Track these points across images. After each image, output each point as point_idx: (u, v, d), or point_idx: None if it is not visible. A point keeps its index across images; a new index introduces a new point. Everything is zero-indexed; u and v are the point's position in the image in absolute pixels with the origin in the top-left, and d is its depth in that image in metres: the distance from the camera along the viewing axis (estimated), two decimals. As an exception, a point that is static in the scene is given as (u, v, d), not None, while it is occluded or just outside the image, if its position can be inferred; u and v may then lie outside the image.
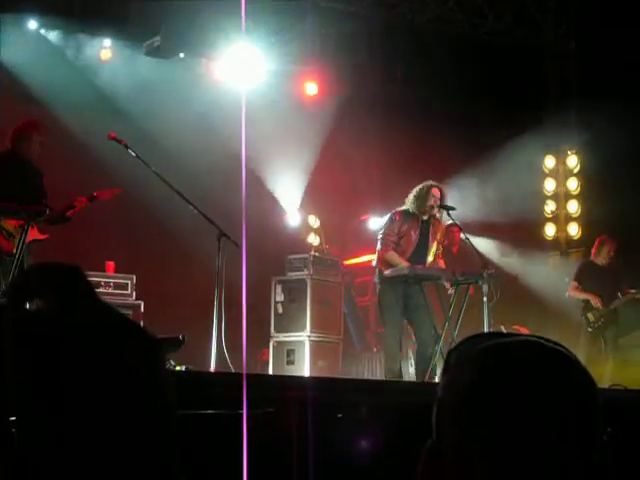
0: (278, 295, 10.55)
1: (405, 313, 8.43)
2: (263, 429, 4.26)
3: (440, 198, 8.47)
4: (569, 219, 13.14)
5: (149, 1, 10.70)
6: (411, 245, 8.48)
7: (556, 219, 13.23)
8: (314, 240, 12.61)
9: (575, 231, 13.03)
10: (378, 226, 10.93)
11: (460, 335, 7.94)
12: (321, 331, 10.38)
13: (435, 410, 1.18)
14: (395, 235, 8.49)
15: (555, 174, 13.30)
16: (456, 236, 9.93)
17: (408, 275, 8.15)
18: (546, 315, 11.49)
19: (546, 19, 12.99)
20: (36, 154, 7.86)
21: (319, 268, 10.66)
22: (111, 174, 9.96)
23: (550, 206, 13.22)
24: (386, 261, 8.45)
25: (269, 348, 10.48)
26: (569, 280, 10.40)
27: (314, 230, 12.75)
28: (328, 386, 5.61)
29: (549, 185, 13.29)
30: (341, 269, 11.20)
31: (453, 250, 10.11)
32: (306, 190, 12.49)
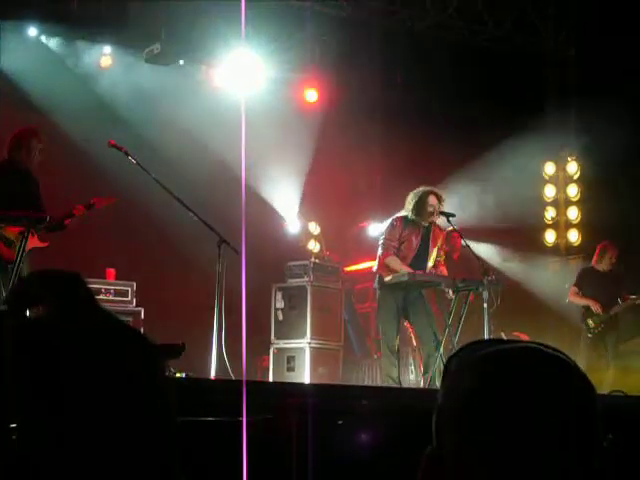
0: (278, 302, 10.55)
1: (407, 319, 8.42)
2: (263, 436, 4.26)
3: (438, 204, 8.44)
4: (569, 225, 13.13)
5: (149, 8, 10.71)
6: (412, 251, 8.47)
7: (556, 225, 13.22)
8: (314, 247, 12.60)
9: (575, 237, 13.02)
10: (378, 232, 10.93)
11: (460, 342, 7.93)
12: (321, 338, 10.37)
13: (435, 416, 1.18)
14: (396, 240, 8.48)
15: (555, 180, 13.30)
16: (457, 242, 9.92)
17: (408, 281, 8.14)
18: (546, 321, 11.48)
19: (546, 26, 13.00)
20: (35, 162, 7.82)
21: (319, 275, 10.66)
22: (111, 181, 9.96)
23: (550, 212, 13.21)
24: (387, 266, 8.43)
25: (269, 355, 10.47)
26: (569, 286, 10.39)
27: (314, 237, 12.74)
28: (328, 393, 5.60)
29: (549, 191, 13.28)
30: (341, 276, 11.19)
31: (454, 257, 10.09)
32: (306, 197, 12.49)
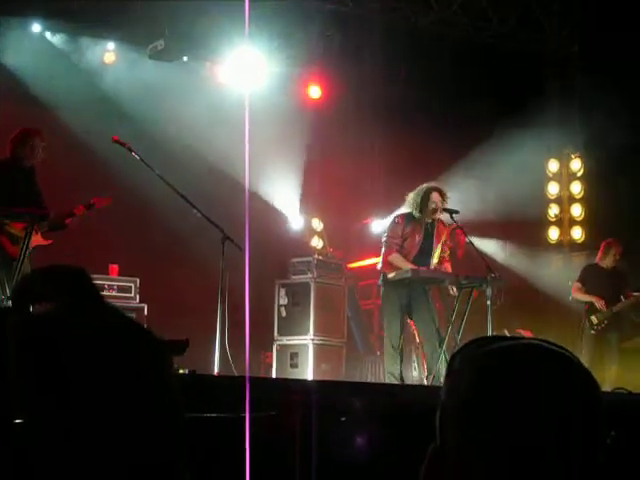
0: (282, 298, 10.55)
1: (410, 315, 8.42)
2: (266, 432, 4.26)
3: (441, 201, 8.44)
4: (573, 222, 13.12)
5: (153, 4, 10.71)
6: (414, 247, 8.47)
7: (560, 223, 13.21)
8: (318, 243, 12.59)
9: (579, 234, 13.00)
10: (381, 229, 10.93)
11: (464, 338, 7.93)
12: (324, 334, 10.37)
13: (438, 413, 1.18)
14: (399, 238, 8.48)
15: (559, 177, 13.29)
16: (461, 239, 9.91)
17: (411, 278, 8.14)
18: (550, 319, 11.47)
19: (550, 22, 12.98)
20: (39, 160, 7.84)
21: (323, 271, 10.66)
22: (114, 177, 9.98)
23: (554, 210, 13.19)
24: (391, 264, 8.44)
25: (273, 351, 10.47)
26: (572, 282, 10.36)
27: (317, 233, 12.73)
28: (331, 389, 5.60)
29: (552, 189, 13.26)
30: (345, 272, 11.18)
31: (458, 254, 10.08)
32: (309, 193, 12.49)
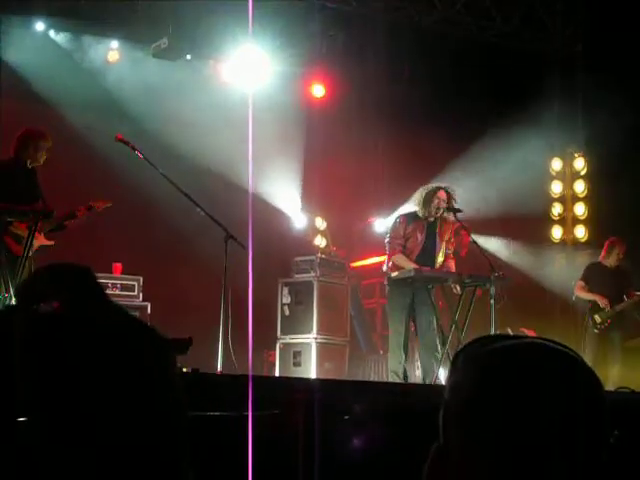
0: (285, 297, 10.55)
1: (412, 315, 8.42)
2: (269, 431, 4.26)
3: (447, 200, 8.46)
4: (576, 221, 13.11)
5: (156, 3, 10.71)
6: (417, 247, 8.48)
7: (563, 221, 13.21)
8: (321, 242, 12.60)
9: (582, 233, 13.00)
10: (384, 228, 10.93)
11: (467, 337, 7.93)
12: (327, 333, 10.37)
13: (442, 412, 1.18)
14: (401, 238, 8.50)
15: (562, 176, 13.29)
16: (464, 239, 9.90)
17: (414, 277, 8.15)
18: (553, 317, 11.47)
19: (553, 21, 12.97)
20: (42, 162, 7.85)
21: (326, 270, 10.65)
22: (118, 176, 9.99)
23: (557, 208, 13.19)
24: (394, 264, 8.46)
25: (276, 350, 10.48)
26: (575, 281, 10.35)
27: (321, 232, 12.74)
28: (334, 388, 5.61)
29: (556, 187, 13.26)
30: (348, 271, 11.19)
31: (462, 253, 10.07)
32: (312, 192, 12.49)
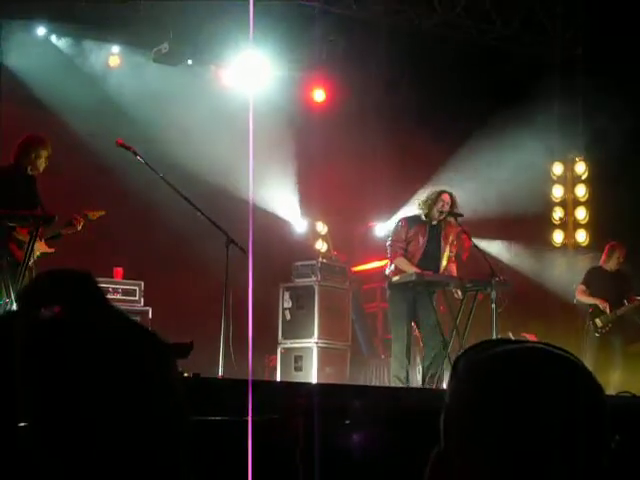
0: (286, 302, 10.55)
1: (414, 319, 8.42)
2: (270, 435, 4.26)
3: (450, 204, 8.46)
4: (577, 226, 13.11)
5: (157, 8, 10.72)
6: (419, 250, 8.48)
7: (564, 226, 13.20)
8: (322, 246, 12.60)
9: (583, 238, 12.99)
10: (385, 232, 10.92)
11: (468, 342, 7.92)
12: (329, 338, 10.37)
13: (443, 416, 1.18)
14: (403, 241, 8.49)
15: (563, 181, 13.28)
16: (465, 243, 9.90)
17: (415, 281, 8.14)
18: (554, 322, 11.45)
19: (553, 25, 12.97)
20: (41, 170, 7.87)
21: (327, 274, 10.65)
22: (119, 180, 10.00)
23: (558, 213, 13.18)
24: (396, 267, 8.46)
25: (277, 354, 10.47)
26: (576, 285, 10.34)
27: (322, 236, 12.74)
28: (335, 393, 5.60)
29: (557, 192, 13.26)
30: (349, 275, 11.19)
31: (463, 257, 10.07)
32: (313, 196, 12.48)
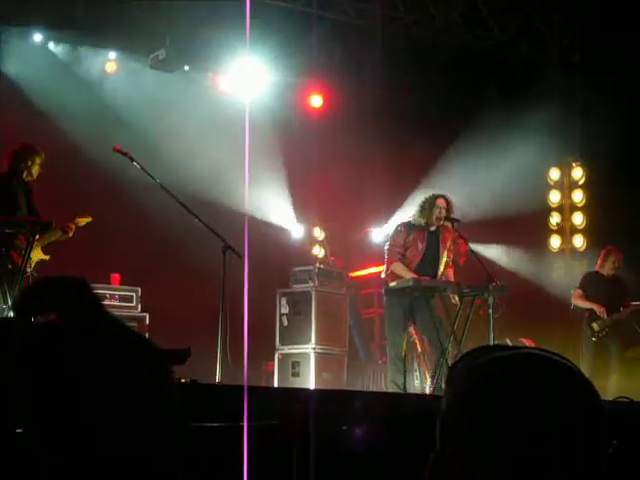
0: (283, 307, 10.55)
1: (415, 325, 8.41)
2: (267, 441, 4.25)
3: (446, 208, 8.45)
4: (574, 231, 13.12)
5: (154, 14, 10.73)
6: (417, 256, 8.47)
7: (561, 231, 13.21)
8: (319, 252, 12.60)
9: (580, 243, 13.00)
10: (382, 238, 10.92)
11: (465, 347, 7.92)
12: (326, 343, 10.36)
13: (440, 422, 1.18)
14: (401, 246, 8.48)
15: (560, 186, 13.29)
16: (461, 248, 9.90)
17: (412, 287, 8.13)
18: (552, 327, 11.45)
19: (551, 31, 12.99)
20: (35, 177, 7.92)
21: (324, 280, 10.65)
22: (116, 186, 10.00)
23: (555, 218, 13.20)
24: (393, 272, 8.44)
25: (274, 360, 10.47)
26: (574, 290, 10.33)
27: (319, 242, 12.75)
28: (333, 398, 5.60)
29: (554, 197, 13.27)
30: (346, 281, 11.18)
31: (459, 262, 10.07)
32: (310, 201, 12.49)
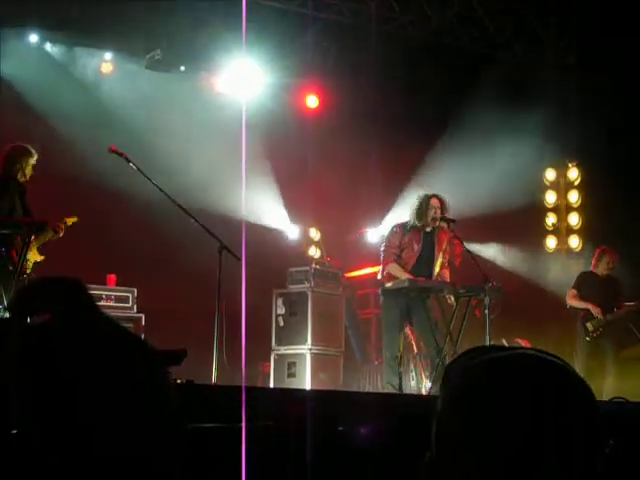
0: (279, 308, 10.54)
1: (411, 326, 8.41)
2: (263, 442, 4.25)
3: (441, 208, 8.44)
4: (570, 231, 13.13)
5: (150, 15, 10.73)
6: (413, 257, 8.46)
7: (557, 231, 13.22)
8: (315, 253, 12.60)
9: (576, 243, 13.01)
10: (377, 238, 10.92)
11: (461, 348, 7.92)
12: (322, 344, 10.36)
13: (434, 423, 1.18)
14: (396, 248, 8.48)
15: (556, 187, 13.31)
16: (457, 248, 9.89)
17: (408, 288, 8.13)
18: (548, 327, 11.45)
19: (547, 33, 13.01)
20: (28, 177, 7.92)
21: (320, 281, 10.65)
22: (112, 187, 9.98)
23: (551, 219, 13.21)
24: (389, 273, 8.44)
25: (270, 361, 10.46)
26: (568, 291, 10.32)
27: (315, 243, 12.74)
28: (329, 399, 5.60)
29: (550, 198, 13.28)
30: (342, 281, 11.18)
31: (455, 263, 10.06)
32: (306, 202, 12.48)
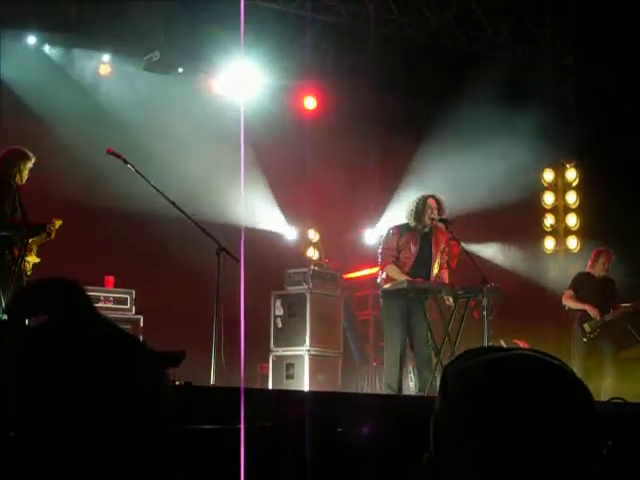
0: (277, 309, 10.54)
1: (407, 328, 8.40)
2: (262, 443, 4.25)
3: (438, 208, 8.44)
4: (568, 232, 13.13)
5: (148, 16, 10.73)
6: (410, 258, 8.46)
7: (555, 232, 13.22)
8: (313, 254, 12.60)
9: (574, 244, 13.01)
10: (375, 239, 10.92)
11: (460, 349, 7.92)
12: (320, 345, 10.36)
13: (432, 423, 1.18)
14: (394, 249, 8.47)
15: (554, 188, 13.31)
16: (454, 249, 9.88)
17: (407, 289, 8.13)
18: (547, 328, 11.45)
19: (544, 33, 13.03)
20: (24, 181, 7.94)
21: (319, 282, 10.65)
22: (110, 189, 9.98)
23: (549, 219, 13.21)
24: (387, 275, 8.44)
25: (269, 362, 10.46)
26: (565, 292, 10.30)
27: (313, 244, 12.74)
28: (327, 400, 5.60)
29: (548, 198, 13.28)
30: (341, 283, 11.18)
31: (452, 264, 10.05)
32: (305, 203, 12.48)
